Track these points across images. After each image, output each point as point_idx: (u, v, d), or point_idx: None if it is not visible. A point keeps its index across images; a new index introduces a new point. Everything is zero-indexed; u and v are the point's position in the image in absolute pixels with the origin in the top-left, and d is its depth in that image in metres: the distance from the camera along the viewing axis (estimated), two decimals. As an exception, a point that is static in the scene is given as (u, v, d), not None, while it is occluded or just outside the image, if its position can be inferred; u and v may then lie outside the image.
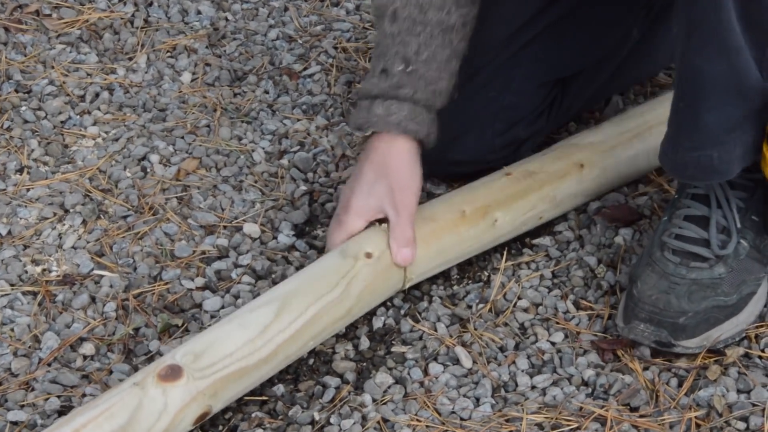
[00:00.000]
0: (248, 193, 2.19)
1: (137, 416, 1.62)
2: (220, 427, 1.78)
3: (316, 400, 1.82)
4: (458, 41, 1.89)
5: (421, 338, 1.91)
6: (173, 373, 1.66)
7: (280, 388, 1.83)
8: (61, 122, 2.35)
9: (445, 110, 1.94)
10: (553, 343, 1.90)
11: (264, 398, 1.81)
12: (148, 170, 2.25)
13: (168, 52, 2.54)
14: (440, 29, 1.85)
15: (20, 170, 2.24)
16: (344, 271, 1.86)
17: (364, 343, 1.90)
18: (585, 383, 1.83)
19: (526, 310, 1.95)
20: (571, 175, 2.08)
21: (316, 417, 1.78)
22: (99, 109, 2.40)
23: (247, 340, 1.74)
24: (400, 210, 1.86)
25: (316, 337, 1.84)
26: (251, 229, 2.11)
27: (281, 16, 2.65)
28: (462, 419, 1.77)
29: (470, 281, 2.02)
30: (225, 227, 2.12)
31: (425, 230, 1.94)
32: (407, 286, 1.95)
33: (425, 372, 1.86)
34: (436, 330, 1.92)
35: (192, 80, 2.47)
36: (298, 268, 1.98)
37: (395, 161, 1.87)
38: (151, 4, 2.66)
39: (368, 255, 1.88)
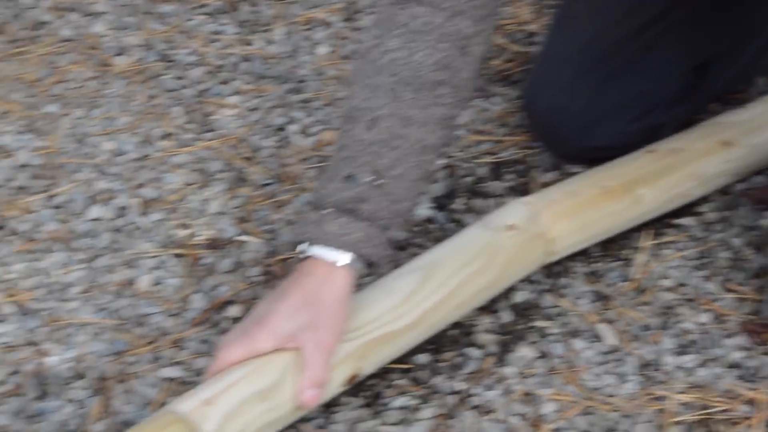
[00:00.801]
0: None
1: (287, 376, 1.65)
2: (365, 394, 1.79)
3: (459, 370, 1.83)
4: (432, 163, 1.75)
5: (563, 314, 1.92)
6: None
7: (423, 357, 1.84)
8: (203, 91, 2.39)
9: (580, 99, 2.00)
10: (699, 324, 1.89)
11: (407, 366, 1.83)
12: (288, 140, 2.28)
13: (305, 24, 2.56)
14: (419, 147, 1.68)
15: (165, 136, 2.28)
16: (487, 242, 1.87)
17: (506, 316, 1.91)
18: (734, 365, 1.82)
19: (670, 290, 1.94)
20: (716, 153, 2.07)
21: (459, 387, 1.80)
22: (238, 79, 2.43)
23: (391, 307, 1.76)
24: (319, 348, 1.65)
25: (460, 306, 1.85)
26: None
27: None
28: (607, 396, 1.77)
29: (612, 259, 2.01)
30: None
31: (567, 204, 1.95)
32: (549, 261, 1.95)
33: (568, 347, 1.86)
34: (577, 306, 1.93)
35: (328, 53, 2.49)
36: (437, 240, 1.99)
37: (329, 296, 1.66)
38: None
39: (511, 227, 1.89)
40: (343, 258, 1.63)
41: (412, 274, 1.81)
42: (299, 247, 1.66)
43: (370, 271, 1.72)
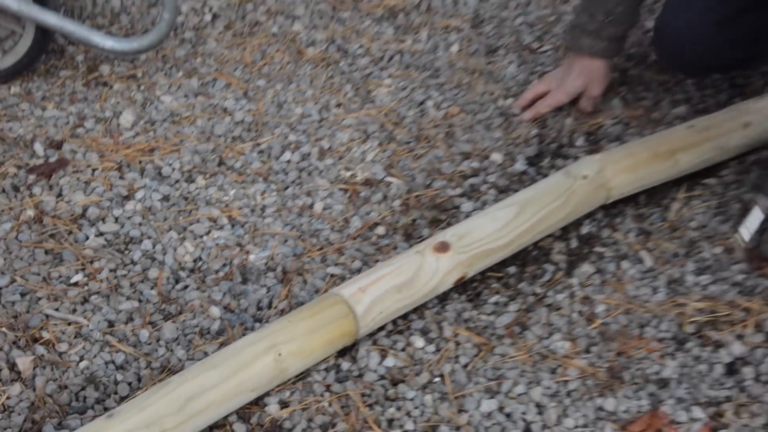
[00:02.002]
0: (495, 132, 2.19)
1: (419, 274, 1.69)
2: (469, 293, 1.81)
3: (538, 279, 1.84)
4: (636, 14, 2.09)
5: (615, 243, 1.91)
6: (443, 247, 1.73)
7: (512, 269, 1.85)
8: (367, 75, 2.38)
9: (708, 26, 2.00)
10: (714, 254, 1.87)
11: (500, 275, 1.84)
12: (425, 112, 2.26)
13: (443, 29, 2.54)
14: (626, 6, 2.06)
15: (338, 105, 2.28)
16: (566, 187, 1.87)
17: (574, 243, 1.91)
18: (736, 284, 1.80)
19: (695, 229, 1.93)
20: (738, 132, 2.03)
21: (538, 291, 1.81)
22: (392, 66, 2.41)
23: (494, 230, 1.78)
24: (591, 91, 2.17)
25: (542, 232, 1.85)
26: (496, 157, 2.12)
27: (526, 7, 2.62)
28: (643, 302, 1.78)
29: (654, 205, 1.99)
30: (478, 155, 2.13)
31: (626, 163, 1.93)
32: (609, 201, 1.94)
33: (618, 267, 1.86)
34: (626, 237, 1.92)
35: (458, 50, 2.46)
36: (529, 184, 1.97)
37: (594, 70, 2.15)
38: None
39: (584, 177, 1.89)
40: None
41: (509, 207, 1.83)
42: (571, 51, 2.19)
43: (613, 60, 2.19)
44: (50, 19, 2.20)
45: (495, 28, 2.54)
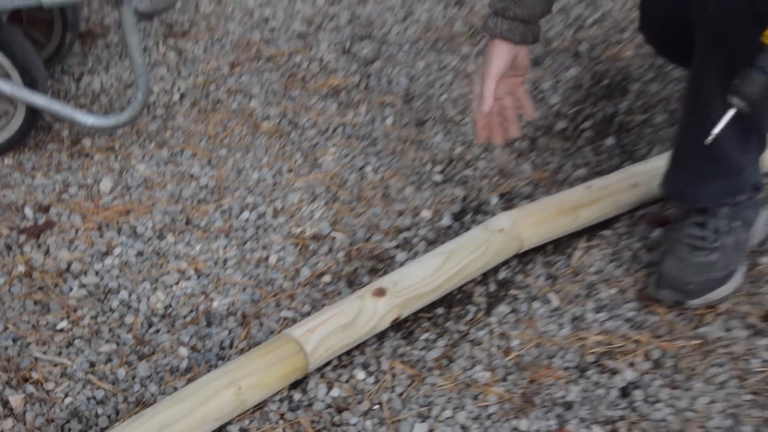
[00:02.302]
0: (425, 192, 2.17)
1: (359, 316, 1.70)
2: (403, 331, 1.80)
3: (462, 319, 1.83)
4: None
5: (527, 286, 1.90)
6: (380, 292, 1.73)
7: (440, 310, 1.84)
8: (314, 144, 2.36)
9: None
10: (610, 295, 1.86)
11: (430, 315, 1.83)
12: (365, 175, 2.24)
13: (379, 105, 2.52)
14: None
15: (289, 171, 2.26)
16: (485, 239, 1.87)
17: (492, 287, 1.90)
18: (628, 320, 1.80)
19: (594, 273, 1.92)
20: (628, 191, 2.02)
21: (462, 328, 1.80)
22: (336, 137, 2.39)
23: (424, 277, 1.78)
24: (487, 74, 1.77)
25: (465, 278, 1.85)
26: (426, 214, 2.10)
27: (450, 86, 2.58)
28: (551, 336, 1.78)
29: (559, 254, 1.98)
30: (410, 212, 2.11)
31: (535, 218, 1.92)
32: (522, 251, 1.93)
33: (530, 307, 1.85)
34: (536, 282, 1.91)
35: (392, 123, 2.44)
36: (454, 237, 1.93)
37: (496, 54, 1.76)
38: (369, 75, 2.64)
39: (500, 230, 1.88)
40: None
41: (437, 256, 1.83)
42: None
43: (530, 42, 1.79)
44: (39, 100, 2.20)
45: (423, 104, 2.54)
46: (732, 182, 1.81)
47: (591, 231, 2.04)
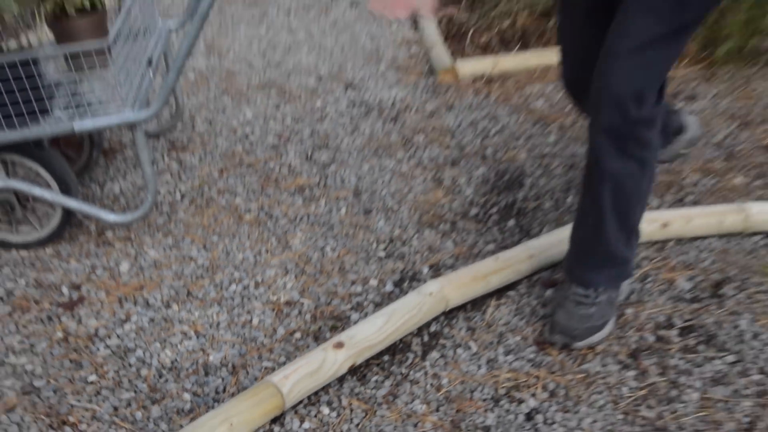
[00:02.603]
0: (372, 266, 2.15)
1: (324, 364, 1.69)
2: (358, 375, 1.78)
3: (403, 363, 1.81)
4: None
5: (452, 337, 1.88)
6: (340, 344, 1.72)
7: (386, 357, 1.83)
8: (285, 230, 2.34)
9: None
10: (516, 341, 1.86)
11: (378, 361, 1.81)
12: (325, 253, 2.21)
13: (335, 198, 2.49)
14: None
15: (267, 251, 2.24)
16: (419, 301, 1.87)
17: (426, 337, 1.88)
18: (529, 360, 1.81)
19: (503, 325, 1.91)
20: (526, 261, 2.02)
21: (404, 371, 1.79)
22: (302, 224, 2.36)
23: (373, 332, 1.77)
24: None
25: (405, 332, 1.84)
26: (373, 282, 2.08)
27: (389, 183, 2.54)
28: (471, 375, 1.76)
29: (477, 311, 1.97)
30: (361, 281, 2.09)
31: (457, 284, 1.89)
32: (447, 309, 1.92)
33: (455, 352, 1.83)
34: (459, 333, 1.90)
35: (345, 212, 2.41)
36: (395, 300, 1.93)
37: None
38: (327, 176, 2.58)
39: (431, 294, 1.88)
40: None
41: (383, 316, 1.82)
42: None
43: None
44: (72, 203, 2.21)
45: (369, 197, 2.51)
46: (622, 270, 1.82)
47: (499, 292, 2.03)
